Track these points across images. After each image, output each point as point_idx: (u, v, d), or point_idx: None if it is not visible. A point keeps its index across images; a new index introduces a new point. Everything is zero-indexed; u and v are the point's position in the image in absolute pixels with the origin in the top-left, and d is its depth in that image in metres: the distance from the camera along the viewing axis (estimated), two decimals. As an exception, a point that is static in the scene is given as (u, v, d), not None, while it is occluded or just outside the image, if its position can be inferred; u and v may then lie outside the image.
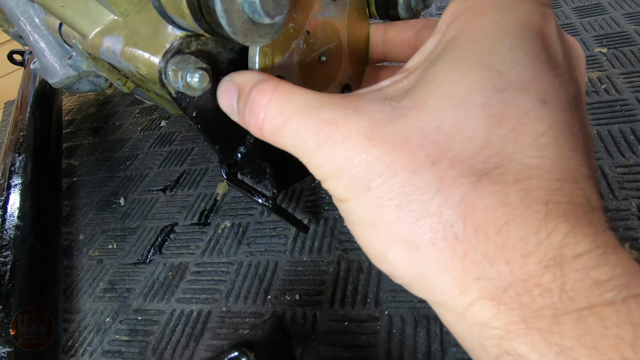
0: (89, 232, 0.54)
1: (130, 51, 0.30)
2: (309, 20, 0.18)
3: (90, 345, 0.40)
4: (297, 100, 0.15)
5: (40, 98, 0.72)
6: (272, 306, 0.37)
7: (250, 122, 0.16)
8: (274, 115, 0.15)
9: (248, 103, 0.16)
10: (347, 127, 0.13)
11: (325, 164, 0.13)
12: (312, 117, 0.14)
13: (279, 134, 0.15)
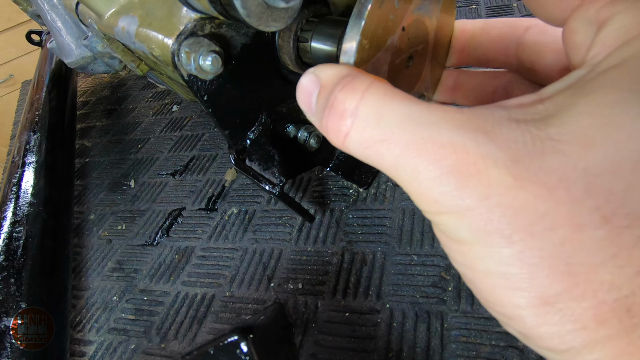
0: (100, 212, 0.55)
1: (145, 32, 0.30)
2: (407, 14, 0.16)
3: (97, 322, 0.41)
4: (401, 108, 0.12)
5: (57, 78, 0.73)
6: (274, 293, 0.38)
7: (330, 127, 0.13)
8: (367, 125, 0.12)
9: (329, 102, 0.13)
10: (481, 157, 0.10)
11: (446, 200, 0.11)
12: (428, 138, 0.11)
13: (374, 151, 0.12)
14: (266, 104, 0.35)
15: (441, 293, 0.33)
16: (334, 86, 0.13)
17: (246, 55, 0.30)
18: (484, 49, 0.19)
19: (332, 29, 0.25)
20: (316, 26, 0.26)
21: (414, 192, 0.11)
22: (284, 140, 0.39)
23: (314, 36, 0.26)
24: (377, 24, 0.14)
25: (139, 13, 0.32)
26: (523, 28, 0.17)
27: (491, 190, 0.10)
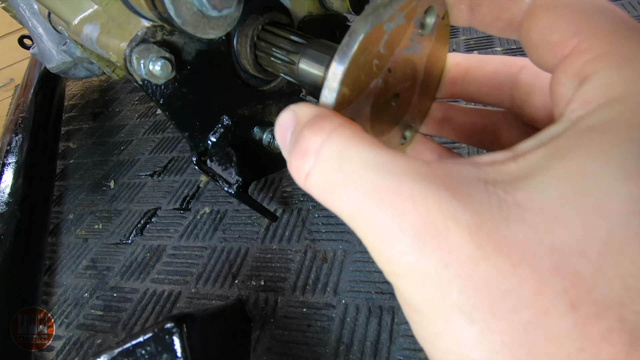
0: (79, 212, 0.56)
1: (104, 38, 0.32)
2: (393, 56, 0.15)
3: (68, 317, 0.42)
4: (366, 153, 0.11)
5: (44, 81, 0.75)
6: (238, 290, 0.39)
7: (293, 164, 0.12)
8: (328, 167, 0.11)
9: (294, 141, 0.13)
10: (442, 216, 0.09)
11: (403, 261, 0.10)
12: (388, 188, 0.10)
13: (332, 195, 0.11)
14: (227, 107, 0.36)
15: (394, 289, 0.34)
16: (305, 123, 0.13)
17: (202, 60, 0.32)
18: (478, 84, 0.19)
19: (321, 53, 0.25)
20: (305, 49, 0.27)
21: (371, 246, 0.10)
22: (250, 142, 0.40)
23: (303, 58, 0.26)
24: (360, 70, 0.14)
25: (102, 20, 0.33)
26: (518, 67, 0.17)
27: (451, 258, 0.09)
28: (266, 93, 0.39)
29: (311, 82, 0.26)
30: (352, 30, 0.13)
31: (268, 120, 0.41)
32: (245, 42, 0.34)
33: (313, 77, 0.25)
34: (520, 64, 0.17)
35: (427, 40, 0.17)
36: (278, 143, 0.14)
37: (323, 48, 0.26)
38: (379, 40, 0.14)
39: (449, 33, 0.18)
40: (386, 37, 0.14)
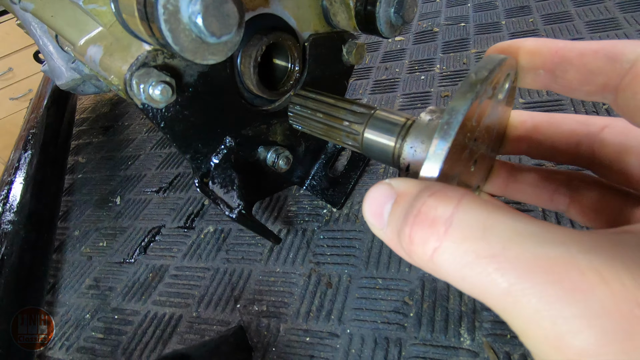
0: (84, 228, 0.56)
1: (108, 60, 0.31)
2: (480, 126, 0.15)
3: (68, 340, 0.41)
4: (511, 221, 0.10)
5: (56, 96, 0.76)
6: (239, 315, 0.38)
7: (415, 237, 0.11)
8: (468, 235, 0.10)
9: (415, 209, 0.11)
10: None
11: (591, 352, 0.08)
12: (558, 259, 0.08)
13: (478, 270, 0.09)
14: (230, 128, 0.35)
15: (402, 319, 0.33)
16: (419, 193, 0.11)
17: (204, 82, 0.31)
18: (551, 142, 0.18)
19: (387, 124, 0.27)
20: (369, 119, 0.28)
21: (536, 334, 0.09)
22: (254, 162, 0.39)
23: (367, 130, 0.28)
24: (457, 146, 0.14)
25: (106, 42, 0.33)
26: (599, 126, 0.16)
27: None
28: (270, 112, 0.38)
29: (378, 150, 0.27)
30: (453, 109, 0.13)
31: (272, 140, 0.41)
32: (249, 62, 0.33)
33: (381, 147, 0.27)
34: (600, 123, 0.16)
35: (501, 104, 0.17)
36: (368, 218, 0.13)
37: (389, 119, 0.27)
38: (473, 115, 0.14)
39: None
40: (478, 111, 0.14)
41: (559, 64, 0.15)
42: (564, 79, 0.15)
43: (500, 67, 0.14)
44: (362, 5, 0.35)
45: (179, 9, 0.21)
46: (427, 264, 0.11)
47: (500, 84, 0.15)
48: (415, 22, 0.80)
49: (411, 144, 0.22)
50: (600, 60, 0.13)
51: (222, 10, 0.21)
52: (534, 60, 0.15)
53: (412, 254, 0.11)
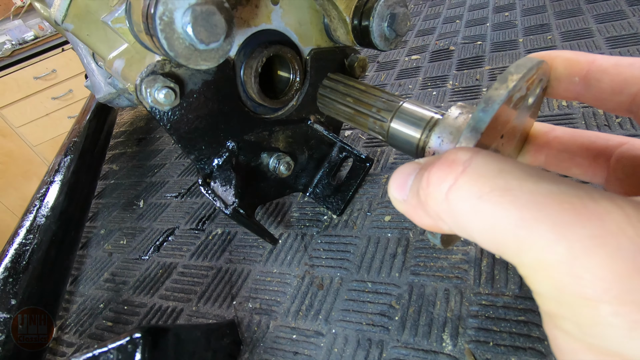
0: (110, 228, 0.61)
1: (127, 71, 0.36)
2: (508, 124, 0.15)
3: (82, 326, 0.44)
4: (524, 167, 0.10)
5: (98, 111, 0.84)
6: (234, 311, 0.39)
7: (430, 181, 0.11)
8: (485, 173, 0.10)
9: (431, 169, 0.11)
10: None
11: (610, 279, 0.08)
12: (571, 194, 0.09)
13: (486, 204, 0.09)
14: (233, 133, 0.38)
15: (387, 322, 0.33)
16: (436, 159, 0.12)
17: (208, 89, 0.35)
18: (570, 154, 0.18)
19: (415, 117, 0.28)
20: (398, 108, 0.30)
21: (550, 261, 0.08)
22: (256, 167, 0.42)
23: (395, 119, 0.29)
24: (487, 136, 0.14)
25: (128, 56, 0.37)
26: (617, 142, 0.17)
27: None
28: (273, 120, 0.41)
29: (403, 140, 0.28)
30: (489, 98, 0.13)
31: (275, 147, 0.43)
32: (250, 73, 0.36)
33: (407, 137, 0.28)
34: (618, 140, 0.17)
35: (528, 111, 0.17)
36: (392, 193, 0.13)
37: (417, 112, 0.28)
38: (507, 109, 0.14)
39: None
40: (511, 106, 0.14)
41: (595, 72, 0.15)
42: (597, 87, 0.15)
43: (537, 67, 0.14)
44: (357, 21, 0.37)
45: (173, 20, 0.24)
46: (442, 204, 0.11)
47: (533, 86, 0.15)
48: (432, 41, 0.81)
49: (439, 134, 0.23)
50: (635, 71, 0.14)
51: (211, 21, 0.24)
52: (572, 67, 0.15)
53: (428, 199, 0.11)
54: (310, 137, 0.46)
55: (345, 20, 0.38)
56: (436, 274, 0.35)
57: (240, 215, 0.36)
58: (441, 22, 0.89)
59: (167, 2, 0.23)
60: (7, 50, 2.21)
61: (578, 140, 0.18)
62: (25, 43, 2.29)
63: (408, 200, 0.13)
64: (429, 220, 0.12)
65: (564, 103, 0.51)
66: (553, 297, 0.09)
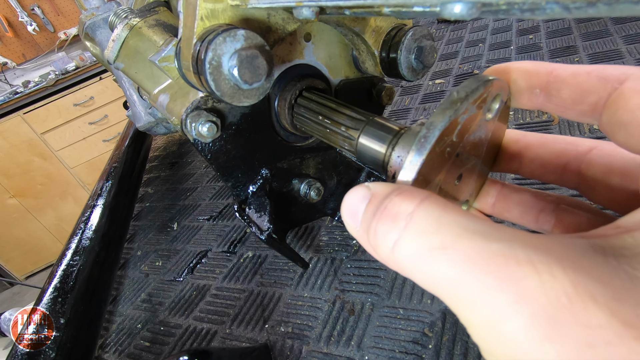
0: (145, 249, 0.64)
1: (172, 105, 0.38)
2: (463, 143, 0.16)
3: (121, 345, 0.46)
4: (465, 220, 0.10)
5: (135, 138, 0.90)
6: (267, 334, 0.40)
7: (378, 231, 0.12)
8: (424, 230, 0.11)
9: (382, 206, 0.12)
10: (573, 287, 0.08)
11: (525, 338, 0.08)
12: (500, 252, 0.09)
13: (429, 261, 0.10)
14: (267, 161, 0.40)
15: (420, 350, 0.33)
16: (389, 193, 0.12)
17: (245, 122, 0.37)
18: (541, 162, 0.18)
19: (381, 131, 0.28)
20: (365, 125, 0.29)
21: (477, 320, 0.09)
22: (287, 193, 0.44)
23: (363, 134, 0.29)
24: (434, 159, 0.14)
25: (172, 91, 0.40)
26: (587, 147, 0.17)
27: (595, 337, 0.08)
28: (304, 148, 0.43)
29: (370, 157, 0.28)
30: (431, 124, 0.14)
31: (305, 173, 0.45)
32: (284, 105, 0.39)
33: (373, 153, 0.27)
34: (588, 144, 0.17)
35: (490, 123, 0.17)
36: (344, 214, 0.14)
37: (383, 127, 0.28)
38: (453, 131, 0.14)
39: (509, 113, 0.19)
40: (459, 128, 0.15)
41: (554, 83, 0.15)
42: (558, 97, 0.15)
43: (485, 87, 0.15)
44: (385, 53, 0.39)
45: (221, 64, 0.26)
46: (389, 257, 0.11)
47: (487, 103, 0.16)
48: (456, 65, 0.83)
49: (398, 153, 0.23)
50: (592, 80, 0.14)
51: (254, 63, 0.27)
52: (531, 80, 0.16)
53: (377, 248, 0.12)
54: (339, 163, 0.47)
55: (374, 54, 0.40)
56: (469, 302, 0.35)
57: (274, 241, 0.38)
58: (464, 45, 0.90)
59: (216, 48, 0.26)
60: (52, 80, 2.38)
61: (549, 148, 0.18)
62: (67, 73, 2.47)
63: (360, 232, 0.13)
64: (378, 257, 0.12)
65: (595, 126, 0.50)
66: (485, 351, 0.10)
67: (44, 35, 2.66)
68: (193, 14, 0.28)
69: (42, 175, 2.51)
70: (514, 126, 0.56)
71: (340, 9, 0.22)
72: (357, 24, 0.37)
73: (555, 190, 0.41)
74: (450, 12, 0.14)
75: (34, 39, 2.64)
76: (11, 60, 2.59)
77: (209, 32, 0.27)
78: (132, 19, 0.40)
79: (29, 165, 2.45)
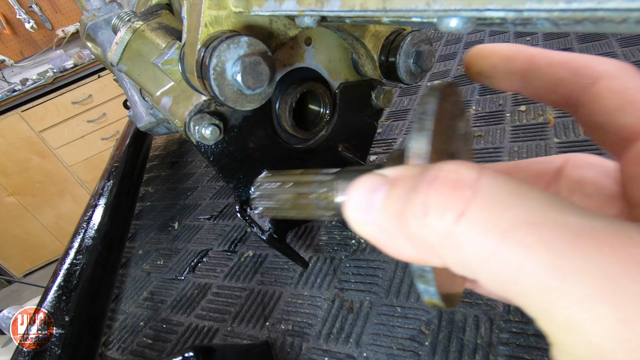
0: (147, 248, 0.65)
1: (175, 108, 0.39)
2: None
3: (124, 343, 0.47)
4: (546, 194, 0.08)
5: (136, 137, 0.90)
6: (267, 332, 0.41)
7: (429, 208, 0.09)
8: (502, 199, 0.08)
9: (426, 178, 0.09)
10: None
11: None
12: (611, 234, 0.07)
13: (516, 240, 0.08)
14: (268, 162, 0.41)
15: (417, 347, 0.34)
16: (423, 174, 0.10)
17: (247, 124, 0.38)
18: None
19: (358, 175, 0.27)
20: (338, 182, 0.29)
21: (593, 327, 0.07)
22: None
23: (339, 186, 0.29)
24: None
25: (175, 94, 0.41)
26: (560, 163, 0.16)
27: None
28: (304, 150, 0.44)
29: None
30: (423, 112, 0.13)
31: (305, 174, 0.46)
32: (285, 108, 0.39)
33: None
34: (561, 160, 0.16)
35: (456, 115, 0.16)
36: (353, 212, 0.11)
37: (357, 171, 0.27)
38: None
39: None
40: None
41: (531, 71, 0.15)
42: (534, 85, 0.15)
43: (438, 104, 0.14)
44: (385, 58, 0.40)
45: (225, 70, 0.27)
46: (445, 239, 0.09)
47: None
48: (454, 66, 0.83)
49: None
50: (565, 72, 0.13)
51: (257, 70, 0.27)
52: (509, 65, 0.15)
53: (424, 230, 0.09)
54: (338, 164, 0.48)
55: (373, 58, 0.41)
56: (465, 300, 0.36)
57: (275, 240, 0.38)
58: (462, 47, 0.91)
59: (220, 55, 0.26)
60: (50, 77, 2.38)
61: (523, 172, 0.17)
62: (65, 71, 2.46)
63: (381, 225, 0.10)
64: (413, 252, 0.10)
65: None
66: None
67: (41, 32, 2.65)
68: (197, 20, 0.29)
69: (41, 173, 2.51)
70: (510, 128, 0.57)
71: (341, 18, 0.23)
72: (357, 29, 0.37)
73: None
74: (447, 26, 0.15)
75: (31, 36, 2.63)
76: (9, 58, 2.58)
77: (213, 39, 0.28)
78: (135, 22, 0.40)
79: (27, 163, 2.45)
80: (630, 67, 0.12)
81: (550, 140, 0.51)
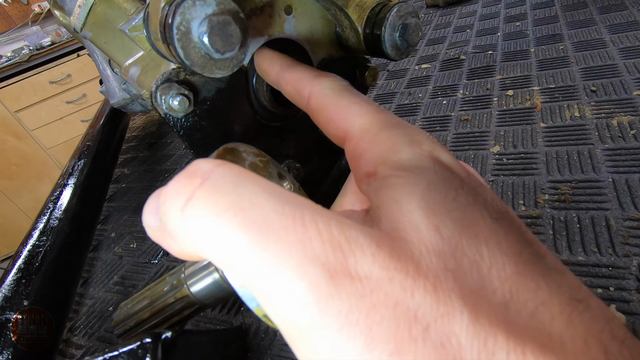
0: (120, 231, 0.62)
1: (143, 78, 0.36)
2: None
3: (91, 329, 0.45)
4: (262, 181, 0.10)
5: (111, 116, 0.86)
6: (242, 317, 0.39)
7: (167, 195, 0.11)
8: (223, 187, 0.10)
9: (169, 183, 0.11)
10: (347, 240, 0.09)
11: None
12: (289, 216, 0.09)
13: (225, 219, 0.09)
14: (244, 140, 0.39)
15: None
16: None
17: (221, 97, 0.35)
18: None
19: (199, 269, 0.29)
20: (185, 278, 0.29)
21: (272, 291, 0.09)
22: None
23: (190, 285, 0.28)
24: None
25: (144, 63, 0.38)
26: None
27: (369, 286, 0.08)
28: (284, 128, 0.41)
29: (215, 289, 0.28)
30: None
31: (285, 154, 0.43)
32: (262, 81, 0.37)
33: (211, 284, 0.28)
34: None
35: None
36: (145, 219, 0.12)
37: (202, 268, 0.28)
38: None
39: None
40: None
41: (280, 84, 0.20)
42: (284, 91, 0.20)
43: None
44: (369, 30, 0.37)
45: (190, 30, 0.24)
46: (178, 222, 0.10)
47: None
48: (443, 50, 0.82)
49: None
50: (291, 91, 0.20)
51: (226, 31, 0.25)
52: (269, 77, 0.21)
53: (165, 217, 0.10)
54: (320, 145, 0.46)
55: (357, 30, 0.38)
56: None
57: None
58: (452, 31, 0.89)
59: (184, 12, 0.24)
60: (25, 55, 2.26)
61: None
62: (42, 48, 2.35)
63: (158, 225, 0.11)
64: (175, 244, 0.11)
65: (576, 114, 0.50)
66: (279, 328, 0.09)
67: (16, 7, 2.52)
68: (161, -26, 0.26)
69: (17, 155, 2.41)
70: (497, 112, 0.56)
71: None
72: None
73: (535, 176, 0.41)
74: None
75: (5, 10, 2.50)
76: (-19, 33, 2.45)
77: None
78: (100, -18, 0.37)
79: (2, 144, 2.34)
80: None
81: (536, 125, 0.50)
